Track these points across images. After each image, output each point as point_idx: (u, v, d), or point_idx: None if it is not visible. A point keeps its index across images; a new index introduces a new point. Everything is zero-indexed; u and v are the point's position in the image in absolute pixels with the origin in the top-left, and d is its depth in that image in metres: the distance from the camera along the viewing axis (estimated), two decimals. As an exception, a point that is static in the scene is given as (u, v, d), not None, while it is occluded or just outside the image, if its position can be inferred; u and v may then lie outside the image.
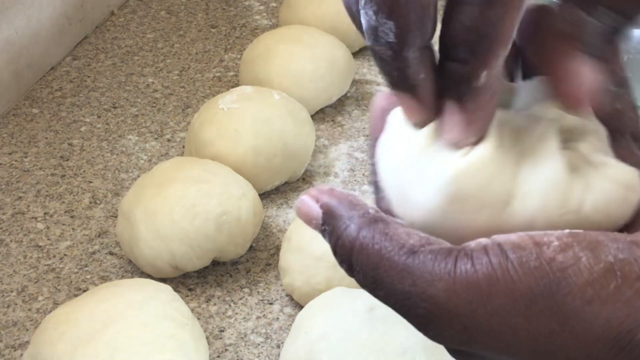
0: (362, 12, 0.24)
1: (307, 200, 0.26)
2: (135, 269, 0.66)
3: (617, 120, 0.28)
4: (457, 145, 0.26)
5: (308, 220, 0.26)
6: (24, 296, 0.64)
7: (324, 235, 0.26)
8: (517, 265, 0.22)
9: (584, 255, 0.22)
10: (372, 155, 0.30)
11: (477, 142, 0.25)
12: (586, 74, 0.25)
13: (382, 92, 0.30)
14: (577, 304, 0.21)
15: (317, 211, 0.26)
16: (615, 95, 0.28)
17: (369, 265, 0.24)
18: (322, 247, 0.60)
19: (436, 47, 0.26)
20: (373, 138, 0.30)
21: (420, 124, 0.27)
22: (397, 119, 0.28)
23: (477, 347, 0.23)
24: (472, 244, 0.23)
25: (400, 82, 0.25)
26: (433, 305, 0.23)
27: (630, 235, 0.23)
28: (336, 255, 0.26)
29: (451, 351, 0.25)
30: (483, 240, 0.23)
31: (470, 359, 0.25)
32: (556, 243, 0.22)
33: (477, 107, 0.25)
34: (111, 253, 0.69)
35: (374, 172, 0.30)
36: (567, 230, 0.23)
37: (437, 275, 0.23)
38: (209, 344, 0.59)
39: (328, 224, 0.26)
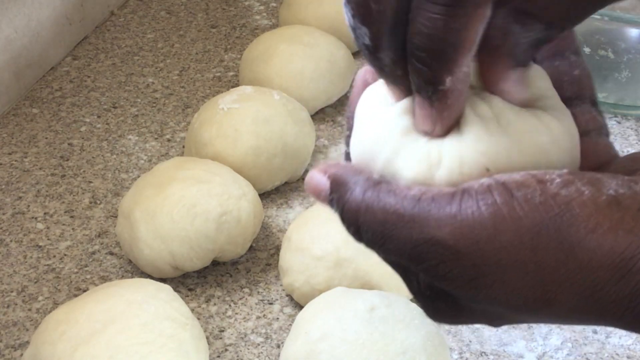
0: (344, 10, 0.26)
1: (316, 174, 0.27)
2: (135, 269, 0.66)
3: (577, 86, 0.29)
4: (428, 135, 0.27)
5: (317, 192, 0.27)
6: (24, 296, 0.64)
7: (331, 205, 0.27)
8: (523, 202, 0.23)
9: (586, 189, 0.23)
10: (349, 127, 0.31)
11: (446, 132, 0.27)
12: (512, 90, 0.27)
13: (367, 67, 0.31)
14: (582, 234, 0.22)
15: (324, 182, 0.27)
16: (574, 62, 0.30)
17: (376, 222, 0.25)
18: (322, 247, 0.60)
19: None
20: (352, 109, 0.31)
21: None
22: (373, 93, 0.29)
23: (486, 284, 0.24)
24: (475, 184, 0.24)
25: (380, 75, 0.28)
26: (442, 248, 0.24)
27: (627, 177, 0.24)
28: (344, 221, 0.26)
29: (460, 311, 0.26)
30: (485, 180, 0.24)
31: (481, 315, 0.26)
32: (558, 180, 0.23)
33: (444, 108, 0.26)
34: (111, 253, 0.69)
35: (348, 143, 0.31)
36: (565, 170, 0.24)
37: (443, 220, 0.24)
38: (209, 344, 0.59)
39: (335, 192, 0.27)
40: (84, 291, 0.64)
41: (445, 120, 0.26)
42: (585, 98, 0.30)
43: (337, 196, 0.27)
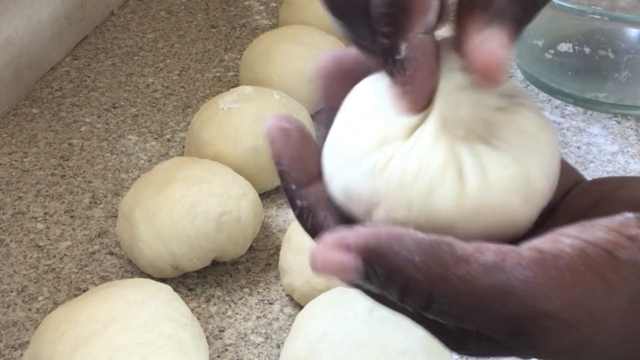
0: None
1: (331, 253, 0.23)
2: (135, 269, 0.66)
3: None
4: (400, 114, 0.25)
5: (341, 271, 0.23)
6: (24, 296, 0.64)
7: (370, 280, 0.23)
8: (628, 264, 0.22)
9: None
10: (321, 122, 0.29)
11: (421, 110, 0.25)
12: (493, 48, 0.23)
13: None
14: None
15: (351, 259, 0.22)
16: None
17: (456, 294, 0.22)
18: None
19: None
20: (327, 107, 0.29)
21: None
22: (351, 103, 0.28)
23: (586, 351, 0.22)
24: (564, 247, 0.22)
25: (359, 49, 0.27)
26: (552, 322, 0.22)
27: None
28: (407, 294, 0.22)
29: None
30: (574, 242, 0.22)
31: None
32: None
33: (406, 80, 0.24)
34: (111, 253, 0.69)
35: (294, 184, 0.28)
36: (632, 215, 0.23)
37: (549, 290, 0.21)
38: (209, 344, 0.59)
39: (379, 266, 0.22)
40: (84, 291, 0.64)
41: (410, 95, 0.25)
42: None
43: (385, 270, 0.22)
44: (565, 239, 0.22)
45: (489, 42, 0.23)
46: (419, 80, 0.25)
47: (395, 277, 0.22)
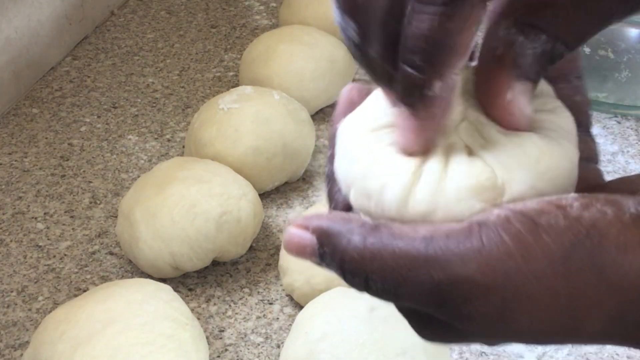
0: (332, 6, 0.25)
1: (296, 231, 0.26)
2: (135, 269, 0.66)
3: (577, 113, 0.28)
4: (406, 151, 0.26)
5: (301, 250, 0.26)
6: (24, 296, 0.64)
7: (323, 260, 0.25)
8: (548, 228, 0.22)
9: (607, 209, 0.22)
10: (332, 144, 0.30)
11: (427, 151, 0.26)
12: (517, 102, 0.25)
13: (353, 83, 0.31)
14: (613, 254, 0.22)
15: (309, 237, 0.25)
16: (576, 87, 0.29)
17: (387, 269, 0.23)
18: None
19: None
20: (336, 128, 0.30)
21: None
22: (360, 117, 0.29)
23: (513, 318, 0.23)
24: (490, 216, 0.23)
25: (369, 74, 0.27)
26: (469, 286, 0.22)
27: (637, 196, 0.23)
28: (345, 273, 0.25)
29: (476, 336, 0.25)
30: (501, 211, 0.23)
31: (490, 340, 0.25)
32: (576, 203, 0.22)
33: (428, 117, 0.25)
34: (111, 253, 0.69)
35: (331, 162, 0.29)
36: (576, 194, 0.23)
37: (467, 256, 0.22)
38: (209, 344, 0.59)
39: (327, 245, 0.25)
40: (84, 291, 0.64)
41: (426, 133, 0.25)
42: (582, 125, 0.29)
43: (330, 249, 0.25)
44: (496, 210, 0.23)
45: (519, 98, 0.25)
46: (439, 122, 0.25)
47: (336, 254, 0.24)
